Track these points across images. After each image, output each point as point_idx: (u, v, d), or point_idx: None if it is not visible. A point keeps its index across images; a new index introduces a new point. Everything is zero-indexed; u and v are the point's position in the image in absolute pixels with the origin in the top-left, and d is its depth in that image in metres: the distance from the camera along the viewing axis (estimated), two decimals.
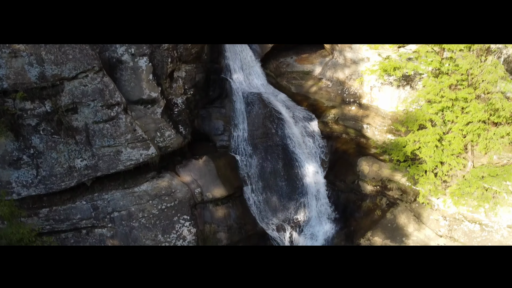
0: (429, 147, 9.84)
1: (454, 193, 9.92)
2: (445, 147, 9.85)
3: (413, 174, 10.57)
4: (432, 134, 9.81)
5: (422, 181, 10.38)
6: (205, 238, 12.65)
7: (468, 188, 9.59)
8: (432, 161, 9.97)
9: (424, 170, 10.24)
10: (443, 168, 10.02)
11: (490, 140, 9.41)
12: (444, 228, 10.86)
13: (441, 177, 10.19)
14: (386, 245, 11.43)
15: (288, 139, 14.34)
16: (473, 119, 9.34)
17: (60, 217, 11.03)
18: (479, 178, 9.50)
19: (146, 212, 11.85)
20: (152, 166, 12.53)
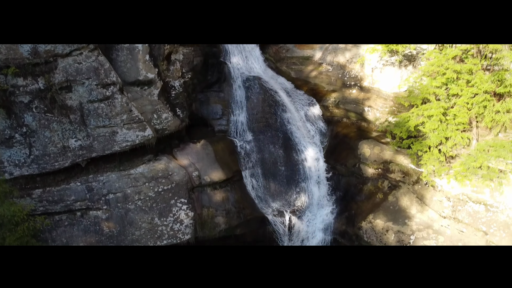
0: (433, 121, 9.55)
1: (459, 170, 9.60)
2: (449, 122, 9.57)
3: (416, 151, 10.28)
4: (436, 107, 9.52)
5: (425, 158, 10.08)
6: (203, 223, 12.38)
7: (474, 163, 9.29)
8: (436, 136, 9.67)
9: (428, 146, 9.94)
10: (448, 143, 9.73)
11: (496, 113, 9.11)
12: (448, 209, 10.56)
13: (445, 153, 9.88)
14: (388, 227, 11.13)
15: (288, 124, 14.06)
16: (479, 91, 9.05)
17: (53, 198, 10.76)
18: (485, 151, 9.20)
19: (143, 195, 11.58)
20: (149, 149, 12.27)
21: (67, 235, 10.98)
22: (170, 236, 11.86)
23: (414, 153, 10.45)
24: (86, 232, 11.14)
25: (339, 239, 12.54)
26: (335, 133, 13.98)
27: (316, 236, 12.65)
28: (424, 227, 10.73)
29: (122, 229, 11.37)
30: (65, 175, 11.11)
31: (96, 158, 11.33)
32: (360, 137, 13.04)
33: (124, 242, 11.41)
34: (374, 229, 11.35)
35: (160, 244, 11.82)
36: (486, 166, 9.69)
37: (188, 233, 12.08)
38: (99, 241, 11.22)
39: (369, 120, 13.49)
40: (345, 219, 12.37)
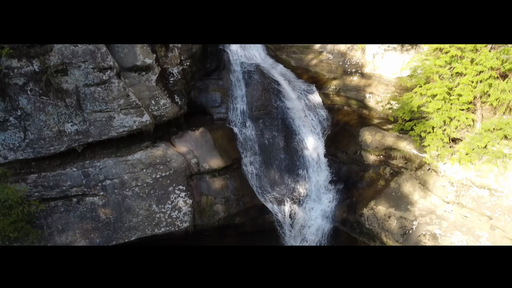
0: (436, 101, 9.34)
1: (463, 151, 9.38)
2: (454, 102, 9.35)
3: (419, 132, 10.05)
4: (440, 86, 9.31)
5: (429, 139, 9.86)
6: (202, 210, 12.16)
7: (478, 143, 9.07)
8: (439, 116, 9.46)
9: (431, 127, 9.72)
10: (452, 124, 9.51)
11: (501, 92, 8.90)
12: (451, 194, 10.34)
13: (449, 134, 9.66)
14: (390, 213, 10.91)
15: (288, 111, 13.86)
16: (484, 69, 8.84)
17: (49, 184, 10.55)
18: (490, 131, 8.98)
19: (140, 181, 11.37)
20: (147, 136, 12.09)
21: (62, 221, 10.76)
22: (168, 224, 11.65)
23: (417, 134, 10.23)
24: (82, 218, 10.92)
25: (340, 227, 12.33)
26: (336, 121, 13.78)
27: (316, 224, 12.41)
28: (427, 213, 10.51)
29: (119, 216, 11.16)
30: (60, 160, 10.91)
31: (93, 143, 11.13)
32: (361, 124, 12.82)
33: (121, 229, 11.19)
34: (376, 216, 11.13)
35: (158, 232, 11.62)
36: (490, 150, 9.49)
37: (186, 220, 11.86)
38: (95, 228, 11.01)
39: (370, 107, 13.31)
40: (346, 206, 12.15)
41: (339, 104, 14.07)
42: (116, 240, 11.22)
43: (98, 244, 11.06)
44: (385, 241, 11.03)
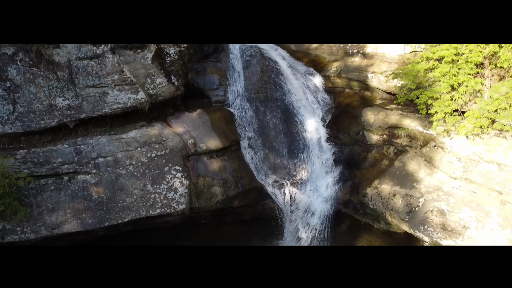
0: (444, 64, 8.95)
1: (472, 117, 8.95)
2: (461, 66, 8.96)
3: (425, 100, 9.63)
4: (447, 48, 8.94)
5: (436, 106, 9.44)
6: (199, 192, 11.70)
7: (489, 106, 8.65)
8: (447, 80, 9.07)
9: (438, 93, 9.31)
10: (460, 89, 9.10)
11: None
12: (459, 170, 9.90)
13: (456, 100, 9.26)
14: (395, 192, 10.46)
15: (288, 94, 13.49)
16: None
17: (39, 160, 10.10)
18: (500, 93, 8.58)
19: (134, 160, 10.93)
20: (142, 115, 11.70)
21: (53, 200, 10.30)
22: (163, 205, 11.18)
23: (422, 103, 9.81)
24: (74, 198, 10.46)
25: (342, 209, 11.87)
26: (337, 103, 13.40)
27: (317, 207, 11.94)
28: (434, 190, 10.07)
29: (112, 195, 10.70)
30: (51, 136, 10.48)
31: (85, 120, 10.70)
32: (363, 105, 12.45)
33: (115, 209, 10.72)
34: (380, 195, 10.68)
35: (153, 213, 11.15)
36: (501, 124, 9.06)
37: (182, 202, 11.40)
38: (87, 208, 10.54)
39: (373, 88, 12.94)
40: (348, 188, 11.69)
41: (340, 87, 13.70)
42: (109, 221, 10.75)
43: (90, 224, 10.58)
44: (390, 220, 10.57)
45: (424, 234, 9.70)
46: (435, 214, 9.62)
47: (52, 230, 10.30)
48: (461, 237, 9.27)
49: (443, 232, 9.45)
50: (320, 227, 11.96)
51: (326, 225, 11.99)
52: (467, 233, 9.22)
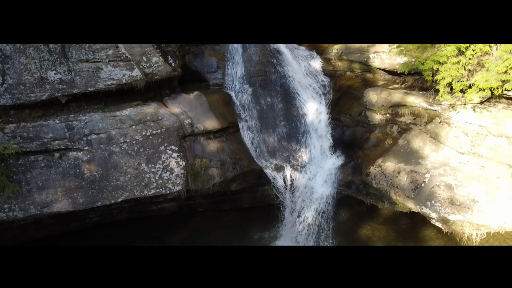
0: None
1: (482, 79, 8.55)
2: None
3: (431, 66, 9.26)
4: None
5: (442, 70, 9.06)
6: (196, 174, 11.27)
7: (498, 68, 8.27)
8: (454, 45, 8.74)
9: (445, 56, 8.94)
10: (467, 53, 8.74)
11: None
12: (466, 145, 9.50)
13: (464, 65, 8.88)
14: (399, 169, 10.03)
15: (288, 77, 13.13)
16: None
17: (28, 135, 9.70)
18: (510, 52, 8.20)
19: (129, 138, 10.53)
20: (137, 95, 11.34)
21: (43, 177, 9.87)
22: (158, 185, 10.74)
23: (428, 69, 9.43)
24: (65, 175, 10.03)
25: (344, 191, 11.42)
26: (339, 85, 13.04)
27: (319, 190, 11.49)
28: (440, 165, 9.65)
29: (105, 173, 10.26)
30: (42, 111, 10.11)
31: (78, 96, 10.35)
32: (365, 86, 12.09)
33: (107, 188, 10.27)
34: (384, 173, 10.25)
35: (148, 194, 10.70)
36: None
37: (179, 183, 10.96)
38: (79, 186, 10.10)
39: (375, 69, 12.60)
40: (350, 169, 11.27)
41: (341, 70, 13.36)
42: (101, 201, 10.30)
43: (81, 204, 10.13)
44: (394, 199, 10.12)
45: (431, 210, 9.24)
46: (442, 189, 9.19)
47: (41, 209, 9.85)
48: (470, 211, 8.82)
49: (451, 207, 9.00)
50: (321, 210, 11.48)
51: (328, 208, 11.52)
52: (477, 207, 8.78)
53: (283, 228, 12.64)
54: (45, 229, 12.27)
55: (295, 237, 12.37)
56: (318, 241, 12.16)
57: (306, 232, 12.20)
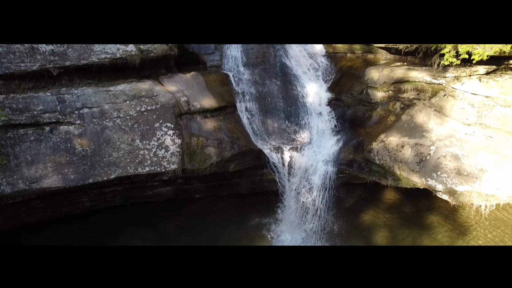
0: None
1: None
2: None
3: None
4: None
5: None
6: (192, 153, 10.88)
7: None
8: None
9: None
10: None
11: None
12: (472, 116, 9.15)
13: None
14: (403, 143, 9.65)
15: (287, 58, 12.87)
16: None
17: (18, 106, 9.33)
18: None
19: (122, 113, 10.17)
20: (132, 73, 11.06)
21: (32, 152, 9.47)
22: (153, 163, 10.34)
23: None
24: (55, 150, 9.64)
25: (345, 170, 11.02)
26: (339, 67, 12.75)
27: (319, 169, 11.09)
28: (446, 137, 9.28)
29: (97, 148, 9.87)
30: (33, 83, 9.76)
31: (70, 69, 10.01)
32: (367, 66, 11.76)
33: (100, 164, 9.87)
34: (387, 148, 9.86)
35: (142, 172, 10.29)
36: None
37: (174, 162, 10.57)
38: (70, 162, 9.70)
39: (376, 49, 12.34)
40: (352, 147, 10.89)
41: (341, 52, 13.09)
42: (93, 178, 9.88)
43: (72, 180, 9.71)
44: (398, 174, 9.72)
45: (437, 181, 8.84)
46: (448, 159, 8.80)
47: (30, 184, 9.43)
48: (479, 181, 8.42)
49: (459, 177, 8.61)
50: (323, 190, 11.06)
51: (329, 190, 11.10)
52: (485, 176, 8.39)
53: (283, 212, 12.20)
54: (36, 213, 11.81)
55: (296, 222, 11.93)
56: (320, 227, 11.71)
57: (307, 216, 11.77)
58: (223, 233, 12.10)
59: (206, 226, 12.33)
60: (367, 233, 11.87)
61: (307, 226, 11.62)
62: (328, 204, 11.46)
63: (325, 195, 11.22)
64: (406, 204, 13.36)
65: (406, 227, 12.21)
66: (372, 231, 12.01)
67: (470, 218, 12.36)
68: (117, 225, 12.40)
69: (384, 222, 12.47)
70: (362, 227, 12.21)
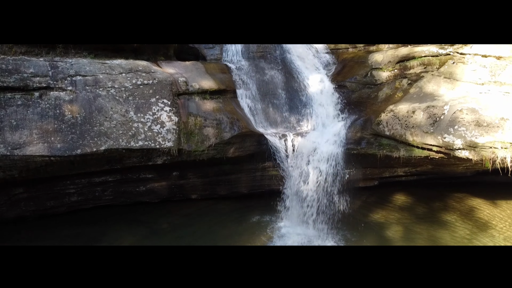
0: None
1: None
2: None
3: None
4: None
5: None
6: (189, 133, 10.26)
7: None
8: None
9: None
10: None
11: None
12: (486, 75, 8.69)
13: None
14: (414, 108, 9.08)
15: (289, 52, 12.71)
16: None
17: (7, 67, 8.89)
18: None
19: (117, 84, 9.71)
20: (130, 55, 10.78)
21: (18, 116, 8.85)
22: (147, 138, 9.67)
23: None
24: (43, 116, 9.02)
25: (354, 148, 10.27)
26: (342, 59, 12.56)
27: (325, 151, 10.38)
28: (460, 97, 8.74)
29: (88, 116, 9.26)
30: (26, 48, 9.44)
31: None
32: (370, 53, 11.55)
33: (89, 134, 9.20)
34: (397, 116, 9.27)
35: (135, 146, 9.57)
36: None
37: (170, 139, 9.90)
38: (57, 130, 9.04)
39: None
40: (359, 126, 10.27)
41: (343, 47, 12.97)
42: (81, 148, 9.15)
43: (58, 150, 8.97)
44: (411, 140, 9.02)
45: (455, 136, 8.13)
46: (465, 113, 8.17)
47: (12, 150, 8.68)
48: (501, 129, 7.73)
49: (478, 129, 7.92)
50: (330, 175, 10.25)
51: (337, 174, 10.29)
52: (507, 124, 7.72)
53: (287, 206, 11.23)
54: (18, 206, 10.85)
55: (302, 216, 10.94)
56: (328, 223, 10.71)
57: (312, 210, 10.81)
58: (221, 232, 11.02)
59: (204, 224, 11.26)
60: (378, 229, 10.82)
61: (310, 220, 10.62)
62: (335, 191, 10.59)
63: (334, 180, 10.38)
64: (419, 205, 12.47)
65: (420, 224, 11.21)
66: (384, 226, 10.98)
67: (491, 215, 11.42)
68: (106, 222, 11.34)
69: (396, 219, 11.47)
70: (373, 224, 11.18)
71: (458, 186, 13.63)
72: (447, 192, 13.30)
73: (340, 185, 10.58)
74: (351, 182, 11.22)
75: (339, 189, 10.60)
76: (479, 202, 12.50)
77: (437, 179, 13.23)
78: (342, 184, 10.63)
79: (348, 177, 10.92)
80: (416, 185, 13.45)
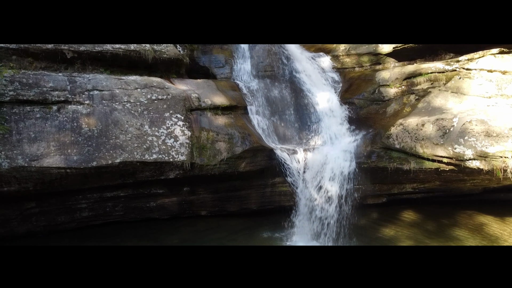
0: None
1: None
2: None
3: None
4: None
5: None
6: (201, 147, 10.44)
7: None
8: None
9: None
10: None
11: None
12: (492, 89, 8.95)
13: None
14: (423, 122, 9.30)
15: (297, 72, 13.06)
16: None
17: (28, 81, 9.16)
18: None
19: (133, 98, 9.98)
20: (144, 72, 11.13)
21: (37, 129, 9.06)
22: (161, 151, 9.84)
23: None
24: (61, 129, 9.23)
25: (363, 162, 10.41)
26: (348, 78, 12.87)
27: (336, 165, 10.53)
28: (468, 109, 8.97)
29: (105, 129, 9.46)
30: (45, 64, 9.73)
31: (84, 55, 10.09)
32: (376, 72, 11.89)
33: (105, 146, 9.38)
34: (407, 129, 9.47)
35: (149, 159, 9.73)
36: None
37: (183, 153, 10.07)
38: (74, 142, 9.22)
39: (384, 58, 12.56)
40: (368, 140, 10.47)
41: (349, 67, 13.34)
42: (97, 161, 9.30)
43: (75, 162, 9.13)
44: (421, 152, 9.18)
45: (466, 146, 8.30)
46: (475, 124, 8.38)
47: (30, 161, 8.83)
48: (511, 139, 7.92)
49: (488, 139, 8.10)
50: (340, 189, 10.36)
51: (347, 190, 10.40)
52: None
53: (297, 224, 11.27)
54: (29, 220, 10.89)
55: (313, 232, 10.96)
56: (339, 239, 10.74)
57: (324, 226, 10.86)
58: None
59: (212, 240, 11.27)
60: (389, 243, 10.81)
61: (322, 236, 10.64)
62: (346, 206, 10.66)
63: (343, 196, 10.47)
64: (428, 222, 12.48)
65: (432, 240, 11.20)
66: (396, 242, 10.97)
67: (502, 231, 11.44)
68: (117, 240, 11.35)
69: (407, 235, 11.48)
70: (385, 239, 11.19)
71: (466, 204, 13.67)
72: (455, 210, 13.33)
73: (351, 201, 10.65)
74: (361, 198, 11.29)
75: (350, 205, 10.66)
76: (488, 219, 12.52)
77: (445, 197, 13.29)
78: (353, 199, 10.71)
79: (358, 193, 11.00)
80: (424, 203, 13.50)
